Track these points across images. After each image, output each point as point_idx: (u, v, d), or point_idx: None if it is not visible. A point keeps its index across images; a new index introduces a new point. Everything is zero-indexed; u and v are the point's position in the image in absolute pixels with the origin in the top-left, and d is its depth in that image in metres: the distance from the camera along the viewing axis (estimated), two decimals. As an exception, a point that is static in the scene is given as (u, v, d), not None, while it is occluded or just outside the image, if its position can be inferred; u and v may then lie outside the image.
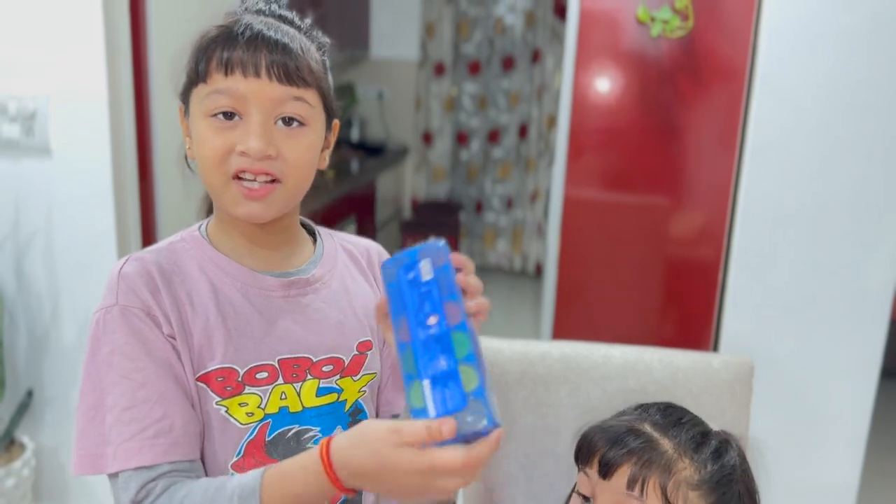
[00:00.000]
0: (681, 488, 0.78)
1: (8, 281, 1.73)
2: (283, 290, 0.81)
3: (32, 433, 1.80)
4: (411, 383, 0.64)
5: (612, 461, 0.79)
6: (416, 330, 0.66)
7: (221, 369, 0.77)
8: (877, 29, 1.44)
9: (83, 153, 1.63)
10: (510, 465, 1.09)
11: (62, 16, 1.57)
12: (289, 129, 0.76)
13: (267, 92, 0.74)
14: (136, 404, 0.72)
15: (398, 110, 4.42)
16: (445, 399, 0.62)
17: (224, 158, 0.74)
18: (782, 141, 1.51)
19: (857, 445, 1.59)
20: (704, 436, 0.84)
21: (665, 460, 0.79)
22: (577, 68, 1.59)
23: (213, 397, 0.76)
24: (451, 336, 0.65)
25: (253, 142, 0.73)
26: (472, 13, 4.31)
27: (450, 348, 0.64)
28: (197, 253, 0.81)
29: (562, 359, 1.08)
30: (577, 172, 1.63)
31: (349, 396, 0.85)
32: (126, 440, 0.71)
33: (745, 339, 1.58)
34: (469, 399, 0.61)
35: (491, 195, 4.52)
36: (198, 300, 0.78)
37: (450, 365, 0.63)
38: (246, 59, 0.73)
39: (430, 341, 0.65)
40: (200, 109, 0.76)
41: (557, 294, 1.69)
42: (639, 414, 0.87)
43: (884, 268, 1.52)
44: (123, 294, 0.75)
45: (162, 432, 0.72)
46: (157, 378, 0.73)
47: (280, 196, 0.77)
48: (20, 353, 1.78)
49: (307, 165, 0.78)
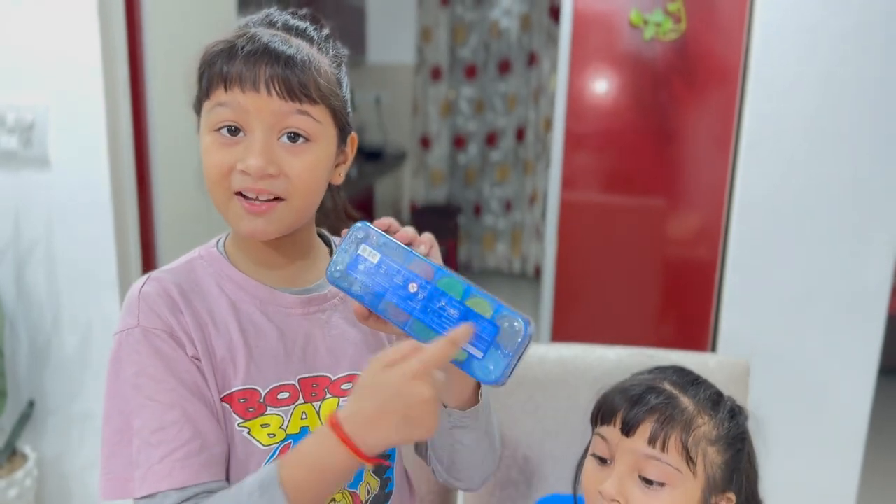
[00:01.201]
0: (700, 444, 0.79)
1: (8, 291, 1.73)
2: (302, 308, 0.80)
3: (34, 443, 1.80)
4: None
5: (635, 418, 0.80)
6: (407, 304, 0.66)
7: (244, 390, 0.75)
8: (870, 29, 1.44)
9: (82, 164, 1.64)
10: (509, 468, 1.09)
11: (59, 27, 1.58)
12: (293, 145, 0.73)
13: (268, 106, 0.71)
14: (165, 426, 0.71)
15: (396, 115, 4.43)
16: (479, 336, 0.63)
17: (226, 175, 0.73)
18: (777, 141, 1.51)
19: (857, 443, 1.59)
20: (719, 396, 0.87)
21: (686, 416, 0.80)
22: (572, 71, 1.60)
23: (236, 419, 0.75)
24: (439, 287, 0.66)
25: (252, 160, 0.71)
26: (467, 17, 4.32)
27: (448, 297, 0.65)
28: (215, 270, 0.79)
29: (559, 362, 1.08)
30: (573, 175, 1.64)
31: None
32: (155, 463, 0.70)
33: (743, 339, 1.59)
34: (496, 319, 0.63)
35: (489, 198, 4.53)
36: (220, 319, 0.76)
37: (459, 309, 0.65)
38: (244, 73, 0.71)
39: (427, 303, 0.66)
40: (206, 123, 0.74)
41: (556, 296, 1.70)
42: (657, 374, 0.88)
43: (880, 265, 1.52)
44: (145, 315, 0.74)
45: (192, 454, 0.71)
46: (184, 399, 0.72)
47: (284, 214, 0.74)
48: (21, 364, 1.78)
49: (313, 183, 0.75)
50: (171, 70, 1.76)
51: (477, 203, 4.58)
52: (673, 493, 0.78)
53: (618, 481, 0.79)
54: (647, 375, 0.88)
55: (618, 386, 0.86)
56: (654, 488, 0.78)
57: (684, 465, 0.78)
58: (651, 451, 0.78)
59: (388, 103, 4.40)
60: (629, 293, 1.67)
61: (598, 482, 0.81)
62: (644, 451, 0.79)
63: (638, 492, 0.78)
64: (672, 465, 0.78)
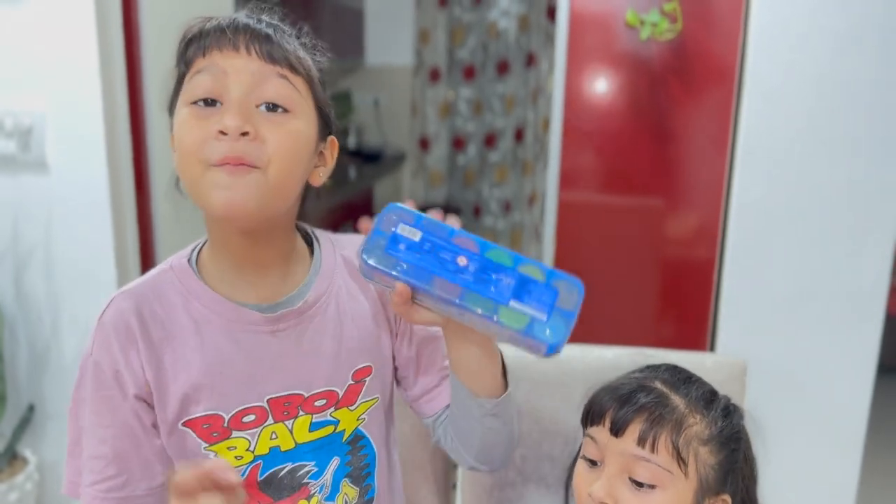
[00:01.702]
0: (691, 444, 0.77)
1: (7, 295, 1.73)
2: (271, 325, 0.76)
3: (35, 447, 1.81)
4: (497, 315, 0.63)
5: (624, 418, 0.78)
6: (457, 277, 0.64)
7: (206, 416, 0.75)
8: (866, 29, 1.45)
9: (80, 168, 1.64)
10: (507, 469, 1.09)
11: (56, 31, 1.58)
12: (272, 114, 0.70)
13: (247, 66, 0.69)
14: (98, 457, 0.76)
15: (394, 117, 4.43)
16: (540, 299, 0.64)
17: (200, 146, 0.68)
18: (774, 140, 1.52)
19: (856, 442, 1.59)
20: (713, 394, 0.84)
21: (676, 416, 0.78)
22: (569, 72, 1.60)
23: (201, 443, 0.75)
24: (489, 258, 0.65)
25: (228, 119, 0.67)
26: (465, 19, 4.33)
27: (499, 266, 0.64)
28: (181, 287, 0.76)
29: (557, 363, 1.09)
30: (570, 175, 1.64)
31: (347, 426, 0.81)
32: (88, 485, 0.77)
33: (741, 339, 1.59)
34: (552, 283, 0.64)
35: (489, 199, 4.53)
36: (180, 346, 0.75)
37: (514, 276, 0.64)
38: (223, 38, 0.69)
39: (480, 275, 0.64)
40: (183, 98, 0.71)
41: (554, 297, 1.70)
42: (648, 373, 0.86)
43: (878, 264, 1.52)
44: (98, 348, 0.75)
45: (115, 488, 0.76)
46: (115, 438, 0.75)
47: (260, 183, 0.69)
48: (21, 368, 1.78)
49: (291, 153, 0.70)
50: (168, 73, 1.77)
51: (476, 204, 4.58)
52: (664, 495, 0.76)
53: (607, 483, 0.77)
54: (639, 374, 0.86)
55: (607, 385, 0.84)
56: (644, 490, 0.76)
57: (675, 466, 0.76)
58: (640, 451, 0.76)
59: (387, 105, 4.41)
60: (627, 293, 1.67)
61: (588, 484, 0.79)
62: (633, 452, 0.77)
63: (628, 494, 0.76)
64: (662, 467, 0.76)
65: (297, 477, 0.80)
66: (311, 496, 0.81)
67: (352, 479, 0.83)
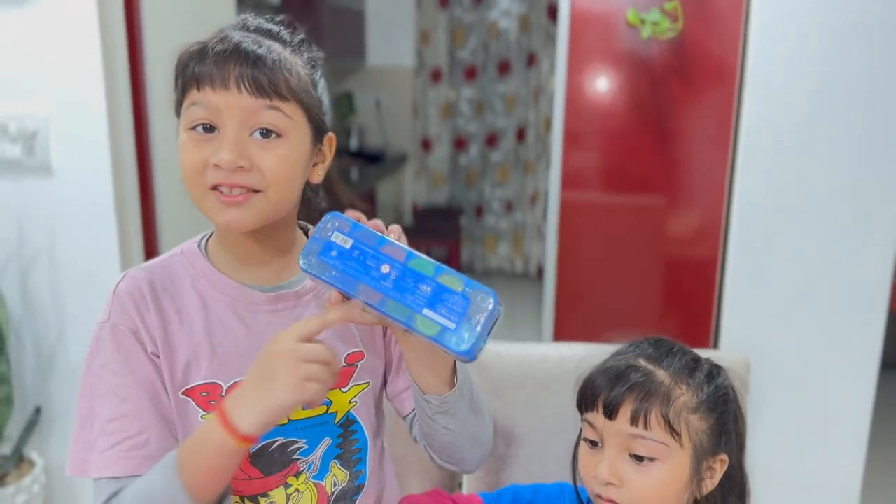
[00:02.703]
0: (682, 414, 0.80)
1: (13, 299, 1.74)
2: (271, 305, 0.82)
3: (42, 450, 1.81)
4: (413, 321, 0.66)
5: (615, 400, 0.81)
6: (379, 284, 0.68)
7: (205, 385, 0.79)
8: (867, 27, 1.45)
9: (84, 171, 1.65)
10: (511, 467, 1.10)
11: (60, 35, 1.59)
12: (265, 140, 0.75)
13: (238, 103, 0.74)
14: (118, 417, 0.77)
15: (396, 118, 4.44)
16: (452, 309, 0.66)
17: (200, 171, 0.75)
18: (775, 138, 1.52)
19: (859, 439, 1.59)
20: (696, 361, 0.87)
21: (663, 390, 0.81)
22: (570, 71, 1.61)
23: (199, 411, 0.79)
24: (411, 267, 0.68)
25: (224, 153, 0.73)
26: (466, 19, 4.33)
27: (419, 275, 0.68)
28: (192, 268, 0.83)
29: (559, 361, 1.09)
30: (572, 175, 1.65)
31: (339, 409, 0.85)
32: (106, 449, 0.76)
33: (744, 337, 1.59)
34: (468, 294, 0.66)
35: (491, 199, 4.54)
36: (186, 317, 0.80)
37: (432, 285, 0.67)
38: (214, 73, 0.73)
39: (400, 283, 0.68)
40: (183, 122, 0.77)
41: (557, 296, 1.70)
42: (632, 350, 0.88)
43: (880, 261, 1.53)
44: (115, 312, 0.79)
45: (137, 446, 0.76)
46: (137, 396, 0.77)
47: (261, 204, 0.76)
48: (27, 371, 1.79)
49: (286, 176, 0.77)
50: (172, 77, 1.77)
51: (478, 204, 4.59)
52: (664, 467, 0.79)
53: (609, 463, 0.80)
54: (624, 353, 0.88)
55: (597, 369, 0.87)
56: (645, 464, 0.79)
57: (669, 438, 0.79)
58: (635, 430, 0.79)
59: (389, 106, 4.41)
60: (630, 292, 1.68)
61: (592, 465, 0.82)
62: (628, 431, 0.80)
63: (630, 470, 0.80)
64: (657, 441, 0.79)
65: (287, 452, 0.83)
66: (300, 473, 0.84)
67: (342, 461, 0.87)
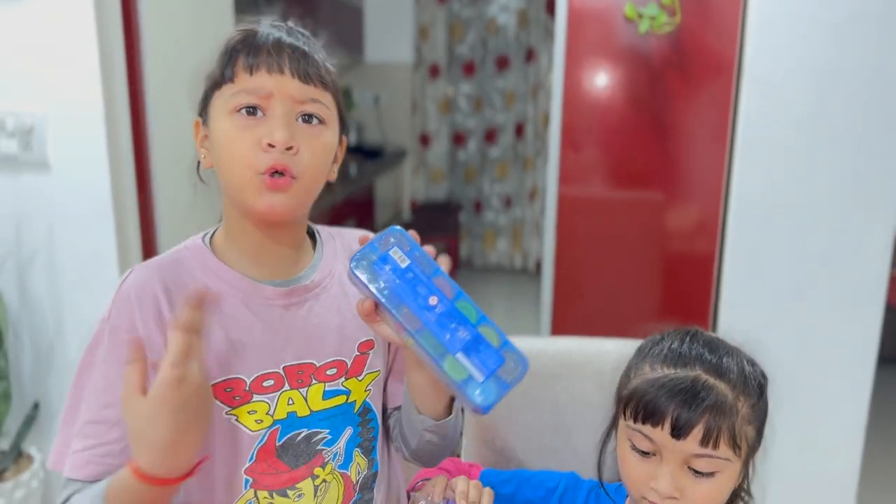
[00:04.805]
0: (742, 429, 0.81)
1: (11, 295, 1.74)
2: (282, 299, 0.83)
3: (40, 445, 1.82)
4: (443, 360, 0.67)
5: (688, 423, 0.79)
6: (423, 314, 0.68)
7: (228, 380, 0.79)
8: (864, 21, 1.45)
9: (82, 168, 1.65)
10: (508, 462, 1.10)
11: (57, 32, 1.58)
12: (309, 125, 0.78)
13: (290, 88, 0.77)
14: (98, 422, 0.76)
15: (394, 113, 4.43)
16: (485, 361, 0.66)
17: (249, 154, 0.76)
18: (772, 133, 1.52)
19: (857, 433, 1.60)
20: (751, 365, 0.86)
21: (729, 407, 0.80)
22: (568, 66, 1.60)
23: (223, 407, 0.79)
24: (457, 307, 0.68)
25: (278, 133, 0.75)
26: (464, 14, 4.33)
27: (462, 318, 0.68)
28: (200, 264, 0.82)
29: (557, 355, 1.09)
30: (570, 170, 1.65)
31: (357, 397, 0.87)
32: (79, 451, 0.76)
33: (742, 330, 1.59)
34: (503, 353, 0.67)
35: (490, 195, 4.53)
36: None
37: (472, 332, 0.67)
38: (271, 59, 0.77)
39: (442, 319, 0.68)
40: (224, 109, 0.78)
41: (555, 291, 1.70)
42: (686, 357, 0.85)
43: (877, 256, 1.53)
44: (116, 313, 0.79)
45: (111, 453, 0.76)
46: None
47: (297, 191, 0.78)
48: (25, 367, 1.79)
49: (321, 165, 0.80)
50: (169, 73, 1.77)
51: (477, 200, 4.59)
52: (722, 477, 0.81)
53: (672, 478, 0.80)
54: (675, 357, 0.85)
55: (652, 380, 0.83)
56: (705, 477, 0.80)
57: (732, 454, 0.80)
58: (703, 450, 0.79)
59: (387, 102, 4.41)
60: (628, 287, 1.68)
61: (646, 476, 0.82)
62: (695, 451, 0.79)
63: (690, 483, 0.80)
64: (722, 458, 0.80)
65: (312, 443, 0.84)
66: (326, 463, 0.85)
67: (363, 449, 0.88)
